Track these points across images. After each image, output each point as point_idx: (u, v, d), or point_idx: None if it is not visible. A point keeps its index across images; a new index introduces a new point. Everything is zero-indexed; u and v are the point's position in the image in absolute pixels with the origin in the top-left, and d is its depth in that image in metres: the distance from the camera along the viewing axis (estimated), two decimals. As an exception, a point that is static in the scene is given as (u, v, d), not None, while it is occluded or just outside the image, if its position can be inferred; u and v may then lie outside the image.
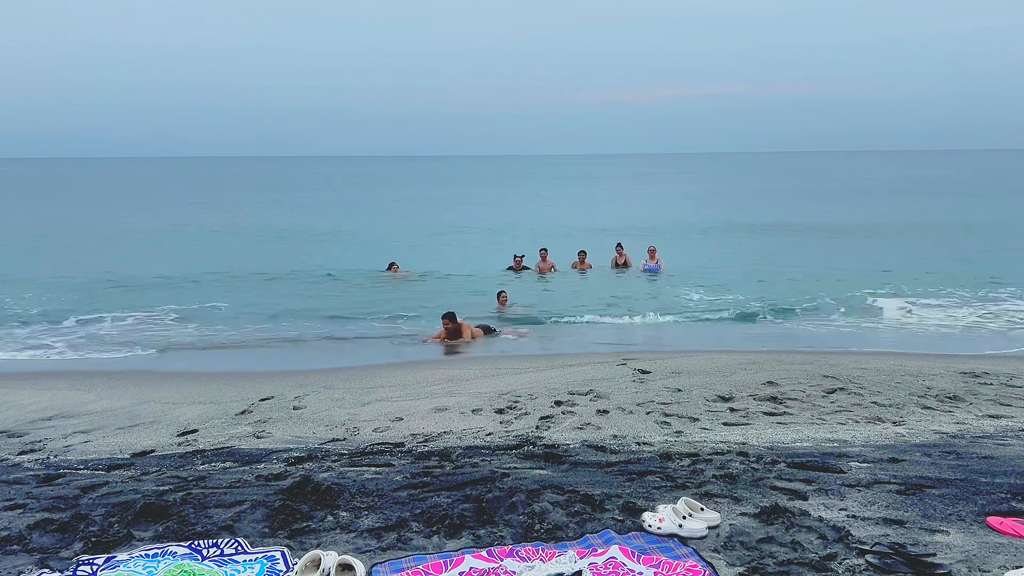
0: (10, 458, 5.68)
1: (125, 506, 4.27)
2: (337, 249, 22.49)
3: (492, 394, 7.50)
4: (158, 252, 22.09)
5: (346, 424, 6.53)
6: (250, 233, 27.16)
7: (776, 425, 6.28)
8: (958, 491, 4.51)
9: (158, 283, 16.64)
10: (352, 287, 16.24)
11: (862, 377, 7.98)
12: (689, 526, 3.87)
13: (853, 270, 17.44)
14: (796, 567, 3.51)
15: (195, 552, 3.69)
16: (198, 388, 8.10)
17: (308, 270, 18.35)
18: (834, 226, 27.68)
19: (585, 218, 31.90)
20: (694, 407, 6.90)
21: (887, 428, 6.13)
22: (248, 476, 4.99)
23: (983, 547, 3.73)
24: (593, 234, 24.12)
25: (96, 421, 6.86)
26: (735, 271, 17.71)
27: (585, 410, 6.82)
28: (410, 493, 4.51)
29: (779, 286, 15.57)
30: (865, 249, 21.46)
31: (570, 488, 4.53)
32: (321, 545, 3.77)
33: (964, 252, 20.69)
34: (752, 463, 5.08)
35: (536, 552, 3.64)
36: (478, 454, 5.43)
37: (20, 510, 4.36)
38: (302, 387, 7.95)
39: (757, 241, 23.81)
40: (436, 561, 3.56)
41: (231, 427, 6.51)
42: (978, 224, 27.69)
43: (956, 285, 15.29)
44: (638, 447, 5.62)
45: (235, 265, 19.14)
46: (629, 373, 8.34)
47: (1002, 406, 6.87)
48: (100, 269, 18.42)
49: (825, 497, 4.42)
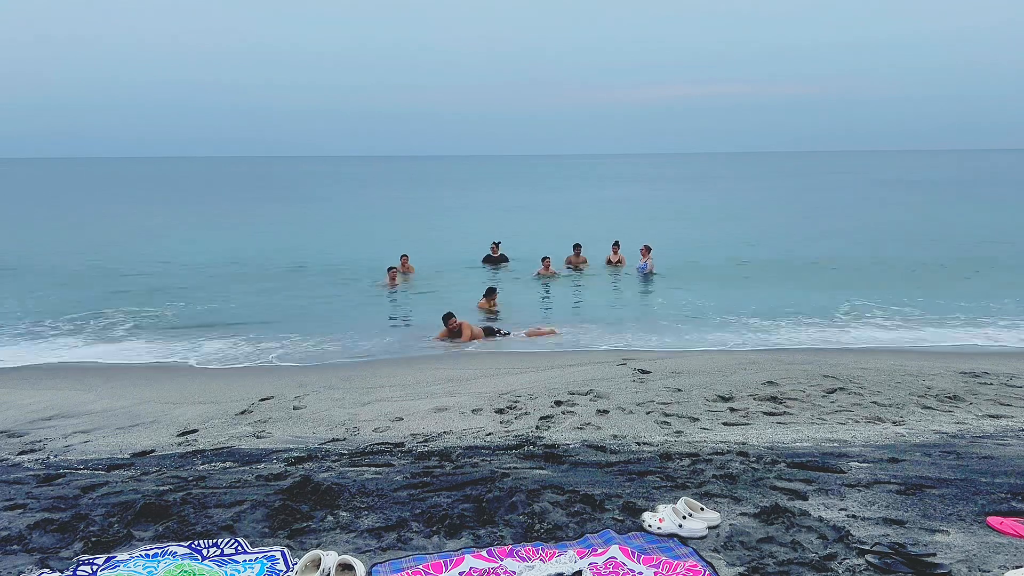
0: (10, 458, 5.69)
1: (125, 506, 4.27)
2: (336, 246, 22.51)
3: (492, 394, 7.51)
4: (157, 251, 22.09)
5: (346, 424, 6.53)
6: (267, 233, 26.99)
7: (776, 425, 6.28)
8: (958, 491, 4.51)
9: (156, 279, 16.66)
10: (347, 284, 16.25)
11: (862, 377, 7.99)
12: (689, 526, 3.87)
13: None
14: (796, 567, 3.51)
15: (195, 552, 3.69)
16: (198, 388, 8.10)
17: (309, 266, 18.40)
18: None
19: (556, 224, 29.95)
20: (694, 407, 6.91)
21: (887, 428, 6.13)
22: (248, 476, 4.99)
23: (983, 547, 3.73)
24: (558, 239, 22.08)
25: (96, 421, 6.87)
26: (739, 271, 17.72)
27: (585, 410, 6.82)
28: (410, 493, 4.51)
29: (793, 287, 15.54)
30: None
31: (570, 488, 4.53)
32: (321, 545, 3.77)
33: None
34: (752, 463, 5.09)
35: (536, 552, 3.64)
36: (478, 454, 5.43)
37: (20, 510, 4.36)
38: (302, 387, 7.95)
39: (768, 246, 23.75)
40: (436, 561, 3.56)
41: (231, 427, 6.51)
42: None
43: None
44: (638, 447, 5.62)
45: (244, 261, 19.20)
46: (629, 373, 8.34)
47: (1002, 406, 6.87)
48: (105, 268, 18.45)
49: (825, 497, 4.42)
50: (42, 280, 16.85)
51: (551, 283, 16.26)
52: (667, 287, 15.67)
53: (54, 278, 17.16)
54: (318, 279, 17.20)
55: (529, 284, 16.21)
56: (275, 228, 28.96)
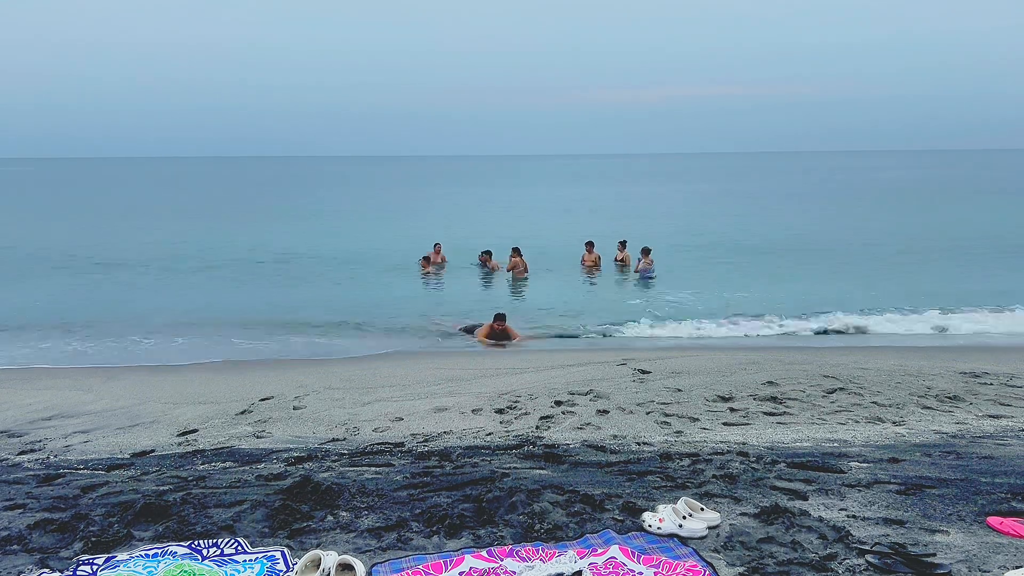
0: (10, 458, 5.68)
1: (125, 506, 4.27)
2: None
3: (492, 394, 7.51)
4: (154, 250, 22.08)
5: (346, 424, 6.53)
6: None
7: (776, 425, 6.28)
8: (958, 491, 4.51)
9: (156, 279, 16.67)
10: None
11: (862, 377, 7.98)
12: (689, 526, 3.87)
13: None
14: (796, 567, 3.51)
15: (195, 552, 3.69)
16: (198, 388, 8.09)
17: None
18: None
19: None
20: (694, 407, 6.91)
21: (887, 428, 6.13)
22: (248, 476, 4.99)
23: (983, 547, 3.73)
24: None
25: (96, 421, 6.86)
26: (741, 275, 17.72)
27: (585, 410, 6.82)
28: (410, 493, 4.51)
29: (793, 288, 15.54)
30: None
31: (570, 488, 4.53)
32: (321, 545, 3.77)
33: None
34: (752, 463, 5.09)
35: (536, 552, 3.64)
36: (478, 454, 5.43)
37: (20, 510, 4.36)
38: (302, 387, 7.95)
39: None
40: (436, 561, 3.56)
41: (231, 427, 6.51)
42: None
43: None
44: (638, 447, 5.62)
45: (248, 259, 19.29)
46: (629, 373, 8.34)
47: (1002, 406, 6.87)
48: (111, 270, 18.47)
49: (825, 497, 4.42)
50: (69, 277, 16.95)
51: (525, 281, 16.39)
52: (666, 287, 15.68)
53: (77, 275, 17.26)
54: (318, 279, 17.23)
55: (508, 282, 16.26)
56: (273, 227, 28.94)
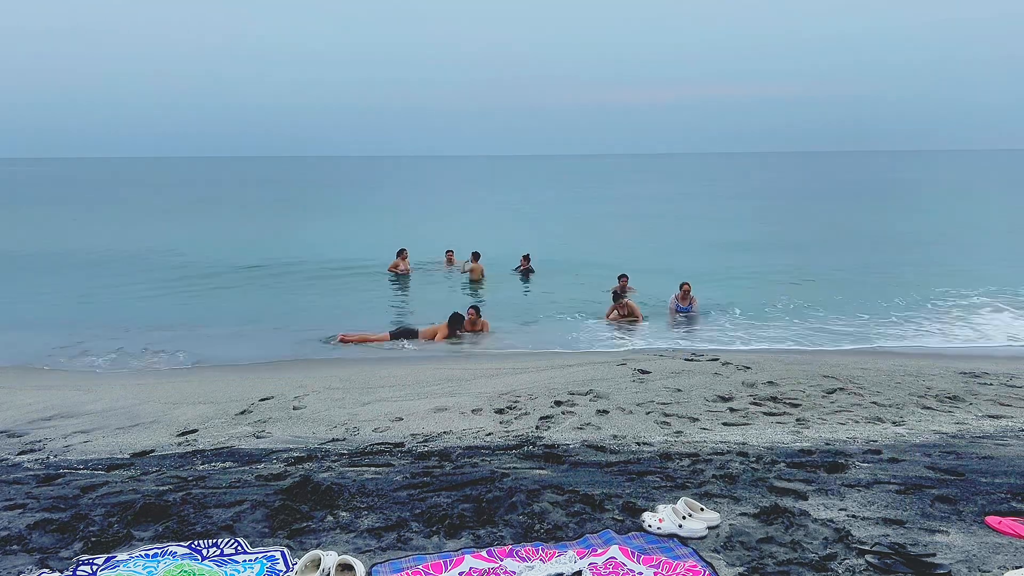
0: (10, 458, 5.68)
1: (125, 506, 4.27)
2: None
3: (492, 394, 7.51)
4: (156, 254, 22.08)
5: (346, 424, 6.53)
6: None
7: (776, 425, 6.28)
8: (958, 491, 4.51)
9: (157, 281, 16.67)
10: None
11: (862, 377, 7.99)
12: (689, 526, 3.87)
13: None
14: (796, 567, 3.51)
15: (195, 552, 3.69)
16: (198, 388, 8.10)
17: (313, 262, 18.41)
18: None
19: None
20: (694, 407, 6.91)
21: (887, 428, 6.13)
22: (248, 476, 4.99)
23: (983, 547, 3.73)
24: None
25: (96, 421, 6.86)
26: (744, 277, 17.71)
27: (585, 410, 6.82)
28: (410, 493, 4.51)
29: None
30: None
31: (570, 488, 4.53)
32: (321, 545, 3.77)
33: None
34: (752, 463, 5.08)
35: (536, 552, 3.64)
36: (478, 454, 5.43)
37: (20, 510, 4.36)
38: (302, 387, 7.95)
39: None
40: (436, 561, 3.56)
41: (231, 427, 6.51)
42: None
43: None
44: (638, 447, 5.62)
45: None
46: (629, 373, 8.34)
47: (1002, 406, 6.87)
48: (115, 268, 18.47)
49: (825, 497, 4.42)
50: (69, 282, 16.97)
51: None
52: (666, 287, 15.65)
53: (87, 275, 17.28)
54: (316, 278, 17.23)
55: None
56: (273, 230, 28.95)
